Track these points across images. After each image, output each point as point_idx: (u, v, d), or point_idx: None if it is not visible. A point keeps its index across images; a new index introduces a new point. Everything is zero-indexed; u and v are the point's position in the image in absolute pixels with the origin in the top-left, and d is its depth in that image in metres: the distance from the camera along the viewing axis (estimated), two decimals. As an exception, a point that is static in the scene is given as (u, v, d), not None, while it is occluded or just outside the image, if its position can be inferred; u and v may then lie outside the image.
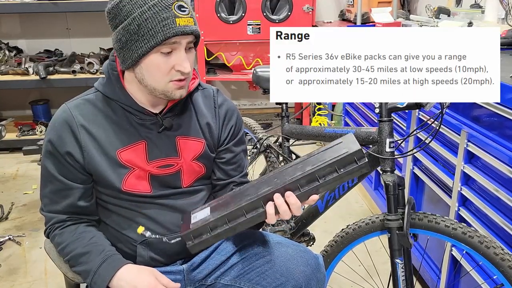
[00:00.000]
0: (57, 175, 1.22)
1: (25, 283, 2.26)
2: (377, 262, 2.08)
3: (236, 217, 1.12)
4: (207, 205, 1.21)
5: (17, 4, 3.60)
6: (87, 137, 1.20)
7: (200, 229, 1.13)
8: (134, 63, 1.15)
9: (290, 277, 1.22)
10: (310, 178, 1.09)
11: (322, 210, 1.71)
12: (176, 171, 1.28)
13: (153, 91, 1.18)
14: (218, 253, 1.34)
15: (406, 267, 1.46)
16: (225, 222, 1.13)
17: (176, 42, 1.13)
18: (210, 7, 3.67)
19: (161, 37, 1.10)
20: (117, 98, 1.22)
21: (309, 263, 1.25)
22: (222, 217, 1.13)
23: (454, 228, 1.39)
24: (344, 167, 1.09)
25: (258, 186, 1.15)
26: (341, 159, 1.08)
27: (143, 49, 1.12)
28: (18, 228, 2.74)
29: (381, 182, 1.57)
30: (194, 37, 1.17)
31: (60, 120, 1.22)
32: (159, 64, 1.14)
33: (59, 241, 1.24)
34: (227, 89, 4.57)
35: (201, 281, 1.33)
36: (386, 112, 1.42)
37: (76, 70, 3.73)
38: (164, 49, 1.13)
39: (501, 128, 1.49)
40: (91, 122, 1.22)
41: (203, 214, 1.17)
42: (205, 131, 1.31)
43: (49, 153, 1.22)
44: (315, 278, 1.24)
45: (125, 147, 1.22)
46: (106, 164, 1.21)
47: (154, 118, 1.24)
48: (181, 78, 1.17)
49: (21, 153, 3.59)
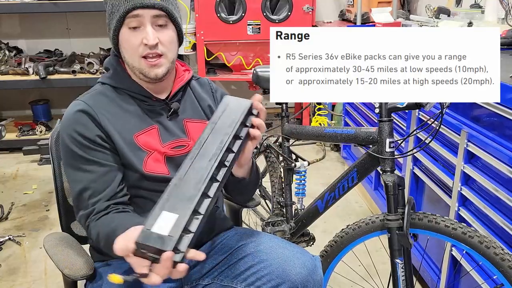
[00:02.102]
0: (97, 159, 1.21)
1: (25, 283, 2.26)
2: (377, 262, 2.08)
3: (202, 201, 1.01)
4: (158, 210, 0.98)
5: (17, 4, 3.60)
6: (107, 122, 1.24)
7: (180, 238, 0.94)
8: (115, 42, 1.25)
9: (286, 278, 1.21)
10: (235, 136, 1.12)
11: (322, 210, 1.71)
12: (188, 152, 1.29)
13: (133, 70, 1.26)
14: (215, 253, 1.35)
15: (406, 267, 1.45)
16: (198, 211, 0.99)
17: (139, 15, 1.20)
18: (210, 7, 3.67)
19: (123, 10, 1.19)
20: (125, 87, 1.29)
21: (306, 264, 1.24)
22: (190, 209, 0.98)
23: (454, 228, 1.39)
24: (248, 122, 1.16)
25: (195, 167, 1.06)
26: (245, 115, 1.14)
27: (114, 25, 1.22)
28: (18, 228, 2.74)
29: (381, 182, 1.57)
30: (162, 12, 1.22)
31: (77, 112, 1.24)
32: (129, 38, 1.22)
33: (94, 231, 1.18)
34: (227, 89, 4.57)
35: (198, 281, 1.33)
36: (386, 112, 1.42)
37: (76, 70, 3.73)
38: (131, 23, 1.20)
39: (501, 128, 1.49)
40: (106, 110, 1.26)
41: (166, 218, 0.97)
42: (207, 113, 1.39)
43: (80, 144, 1.21)
44: (312, 280, 1.24)
45: (141, 131, 1.27)
46: (127, 148, 1.24)
47: (162, 104, 1.31)
48: (149, 52, 1.21)
49: (21, 153, 3.58)
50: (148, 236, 0.92)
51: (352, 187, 1.61)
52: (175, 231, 0.93)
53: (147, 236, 0.92)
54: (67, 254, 1.25)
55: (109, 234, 1.12)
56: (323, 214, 1.73)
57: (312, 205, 1.75)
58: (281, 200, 1.96)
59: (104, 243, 1.15)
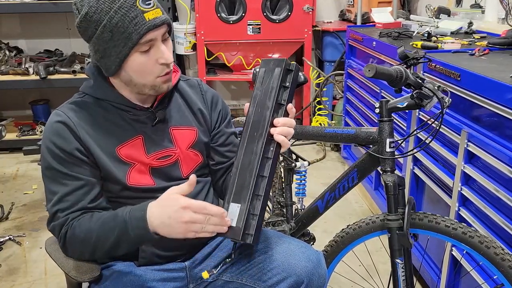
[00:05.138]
0: (73, 173, 1.18)
1: (25, 283, 2.26)
2: (377, 262, 2.08)
3: (260, 182, 1.12)
4: (226, 202, 1.14)
5: (17, 4, 3.60)
6: (87, 136, 1.20)
7: (247, 222, 1.10)
8: (118, 68, 1.16)
9: (292, 272, 1.22)
10: (275, 107, 1.14)
11: (322, 210, 1.71)
12: (174, 161, 1.29)
13: (142, 88, 1.21)
14: (220, 250, 1.35)
15: (406, 267, 1.46)
16: (257, 194, 1.12)
17: (152, 39, 1.14)
18: (210, 7, 3.67)
19: (136, 36, 1.11)
20: (108, 98, 1.23)
21: (311, 258, 1.25)
22: (249, 196, 1.11)
23: (454, 228, 1.39)
24: (288, 81, 1.16)
25: (248, 152, 1.15)
26: (282, 76, 1.15)
27: (122, 53, 1.13)
28: (18, 228, 2.74)
29: (381, 182, 1.57)
30: (168, 27, 1.18)
31: (57, 123, 1.20)
32: (143, 62, 1.16)
33: (79, 230, 1.17)
34: (227, 89, 4.57)
35: (203, 278, 1.33)
36: (386, 112, 1.42)
37: (76, 70, 3.72)
38: (143, 48, 1.14)
39: (501, 128, 1.49)
40: (87, 122, 1.21)
41: (233, 209, 1.12)
42: (198, 117, 1.34)
43: (57, 157, 1.18)
44: (317, 273, 1.25)
45: (123, 143, 1.23)
46: (109, 161, 1.21)
47: (147, 113, 1.26)
48: (168, 71, 1.20)
49: (21, 153, 3.58)
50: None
51: (353, 187, 1.61)
52: (240, 219, 1.10)
53: None
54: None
55: (108, 219, 1.13)
56: (323, 214, 1.74)
57: (312, 205, 1.75)
58: (281, 200, 1.96)
59: (103, 231, 1.13)
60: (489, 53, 1.92)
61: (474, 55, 1.89)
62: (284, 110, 1.15)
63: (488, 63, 1.76)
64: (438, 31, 2.44)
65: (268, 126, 1.13)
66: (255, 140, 1.14)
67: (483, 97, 1.54)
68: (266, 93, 1.15)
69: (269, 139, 1.13)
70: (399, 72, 1.33)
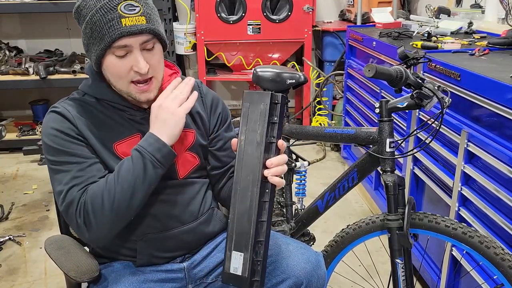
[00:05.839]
0: (79, 152, 1.17)
1: (25, 283, 2.26)
2: (377, 262, 2.08)
3: (260, 228, 1.09)
4: (228, 250, 1.11)
5: (17, 4, 3.60)
6: (84, 127, 1.19)
7: (252, 269, 1.08)
8: (98, 65, 1.17)
9: (291, 273, 1.22)
10: (266, 146, 1.10)
11: (322, 210, 1.71)
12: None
13: (121, 93, 1.20)
14: (218, 251, 1.35)
15: (406, 267, 1.46)
16: (259, 240, 1.09)
17: (127, 46, 1.12)
18: (210, 7, 3.66)
19: (108, 39, 1.10)
20: (105, 97, 1.23)
21: (310, 260, 1.25)
22: (251, 244, 1.08)
23: (454, 228, 1.39)
24: (275, 115, 1.12)
25: (243, 198, 1.10)
26: (270, 111, 1.10)
27: (97, 52, 1.13)
28: (18, 228, 2.74)
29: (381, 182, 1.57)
30: (150, 36, 1.14)
31: (55, 113, 1.20)
32: (116, 65, 1.15)
33: (97, 186, 1.16)
34: (227, 89, 4.57)
35: (202, 279, 1.33)
36: (386, 112, 1.42)
37: (76, 70, 3.72)
38: (118, 52, 1.13)
39: (501, 128, 1.49)
40: (85, 116, 1.21)
41: (236, 258, 1.10)
42: (196, 120, 1.32)
43: (60, 139, 1.16)
44: (316, 274, 1.25)
45: (121, 140, 1.22)
46: (106, 155, 1.21)
47: (144, 113, 1.25)
48: (140, 79, 1.16)
49: (21, 153, 3.58)
50: (228, 277, 1.09)
51: (353, 187, 1.61)
52: (245, 268, 1.08)
53: (228, 277, 1.09)
54: (71, 257, 1.24)
55: (120, 163, 1.16)
56: (323, 214, 1.74)
57: (312, 205, 1.75)
58: (281, 200, 1.96)
59: (122, 170, 1.14)
60: (489, 53, 1.92)
61: (474, 55, 1.89)
62: (275, 146, 1.11)
63: (488, 63, 1.76)
64: (438, 31, 2.44)
65: (261, 168, 1.08)
66: (249, 185, 1.09)
67: (483, 97, 1.54)
68: (254, 132, 1.10)
69: (263, 182, 1.09)
70: (399, 72, 1.33)
